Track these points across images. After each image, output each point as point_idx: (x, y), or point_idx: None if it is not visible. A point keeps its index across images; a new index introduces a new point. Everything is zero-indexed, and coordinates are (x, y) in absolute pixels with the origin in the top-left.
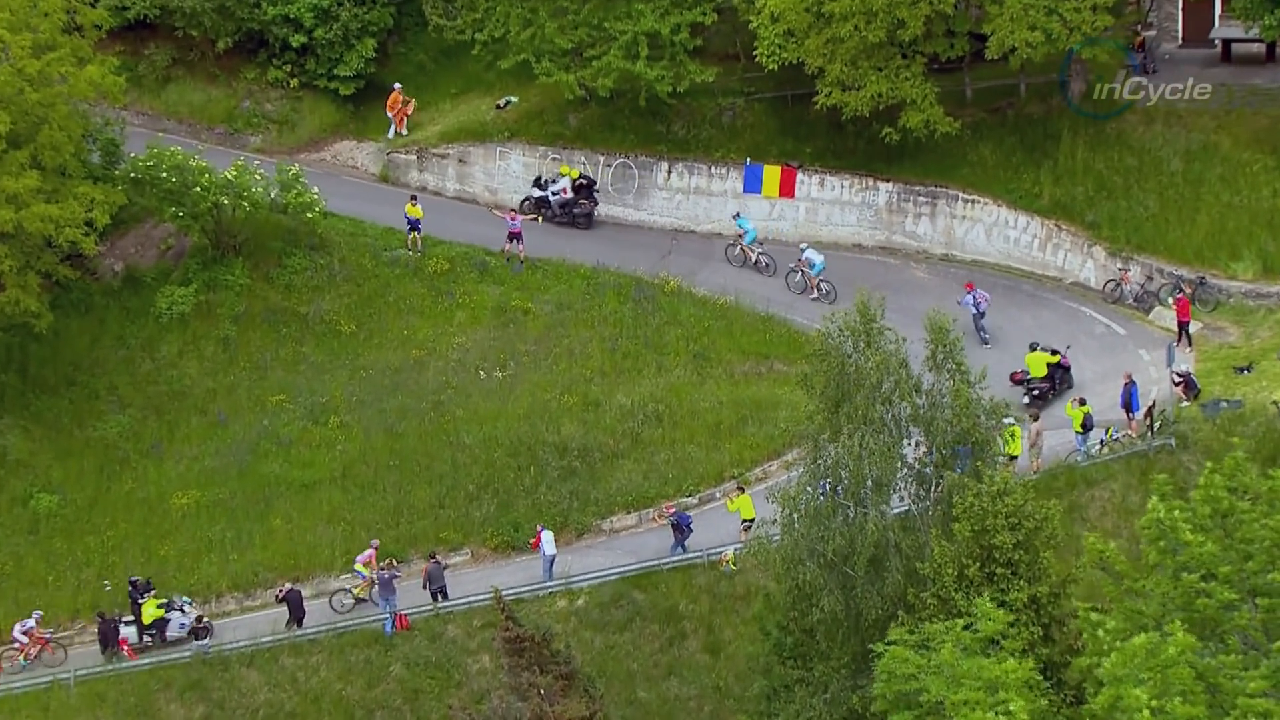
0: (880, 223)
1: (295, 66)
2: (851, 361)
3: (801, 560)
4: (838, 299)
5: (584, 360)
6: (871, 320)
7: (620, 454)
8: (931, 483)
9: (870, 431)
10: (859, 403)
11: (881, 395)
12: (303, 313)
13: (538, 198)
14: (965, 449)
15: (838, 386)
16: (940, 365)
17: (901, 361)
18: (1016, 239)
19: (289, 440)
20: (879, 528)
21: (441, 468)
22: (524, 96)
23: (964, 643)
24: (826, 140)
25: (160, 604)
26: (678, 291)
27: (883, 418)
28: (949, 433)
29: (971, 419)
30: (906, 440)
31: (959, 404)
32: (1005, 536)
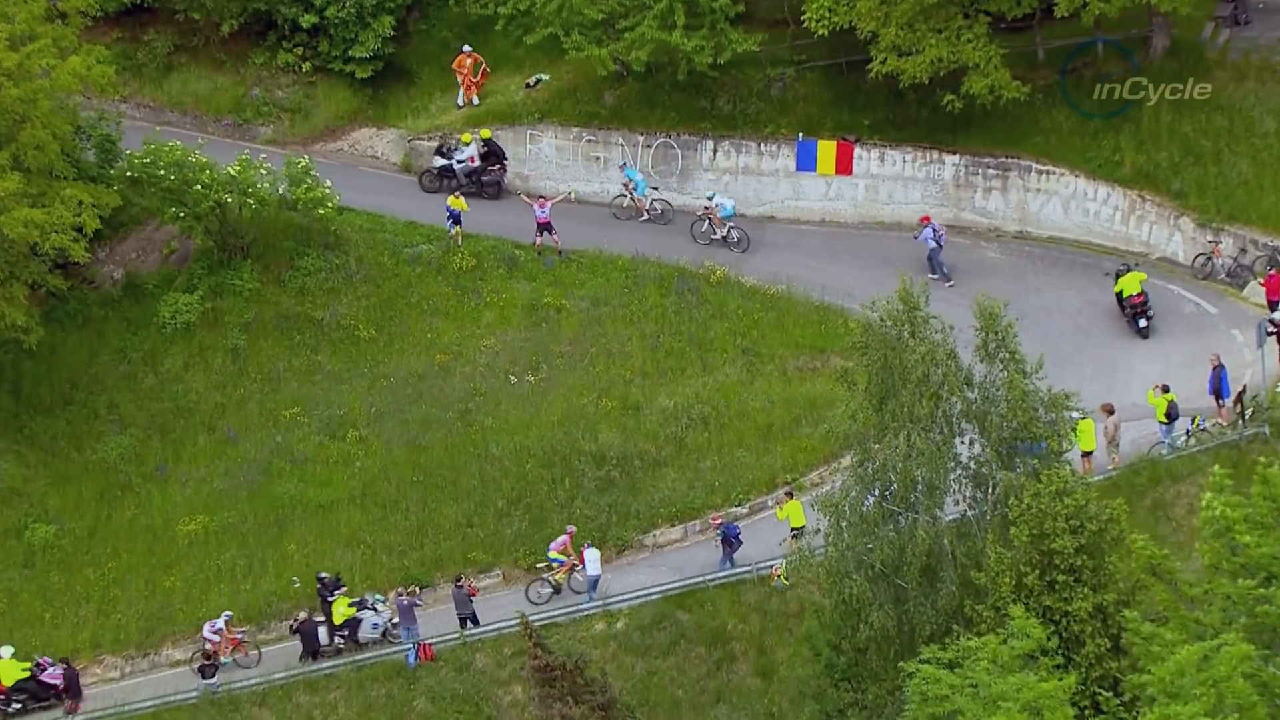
0: (947, 199)
1: (307, 49)
2: (896, 354)
3: (848, 573)
4: (750, 247)
5: (623, 360)
6: (915, 308)
7: (663, 462)
8: (988, 484)
9: (918, 430)
10: (905, 399)
11: (929, 390)
12: (317, 318)
13: (440, 167)
14: (1032, 446)
15: (881, 382)
16: (993, 355)
17: (950, 352)
18: (1096, 212)
19: (304, 457)
20: (930, 535)
21: (469, 482)
22: (556, 74)
23: (1001, 659)
24: (886, 111)
25: (352, 603)
26: (725, 281)
27: (931, 414)
28: (1004, 428)
29: (1028, 412)
30: (959, 438)
31: (1014, 396)
32: (1066, 540)
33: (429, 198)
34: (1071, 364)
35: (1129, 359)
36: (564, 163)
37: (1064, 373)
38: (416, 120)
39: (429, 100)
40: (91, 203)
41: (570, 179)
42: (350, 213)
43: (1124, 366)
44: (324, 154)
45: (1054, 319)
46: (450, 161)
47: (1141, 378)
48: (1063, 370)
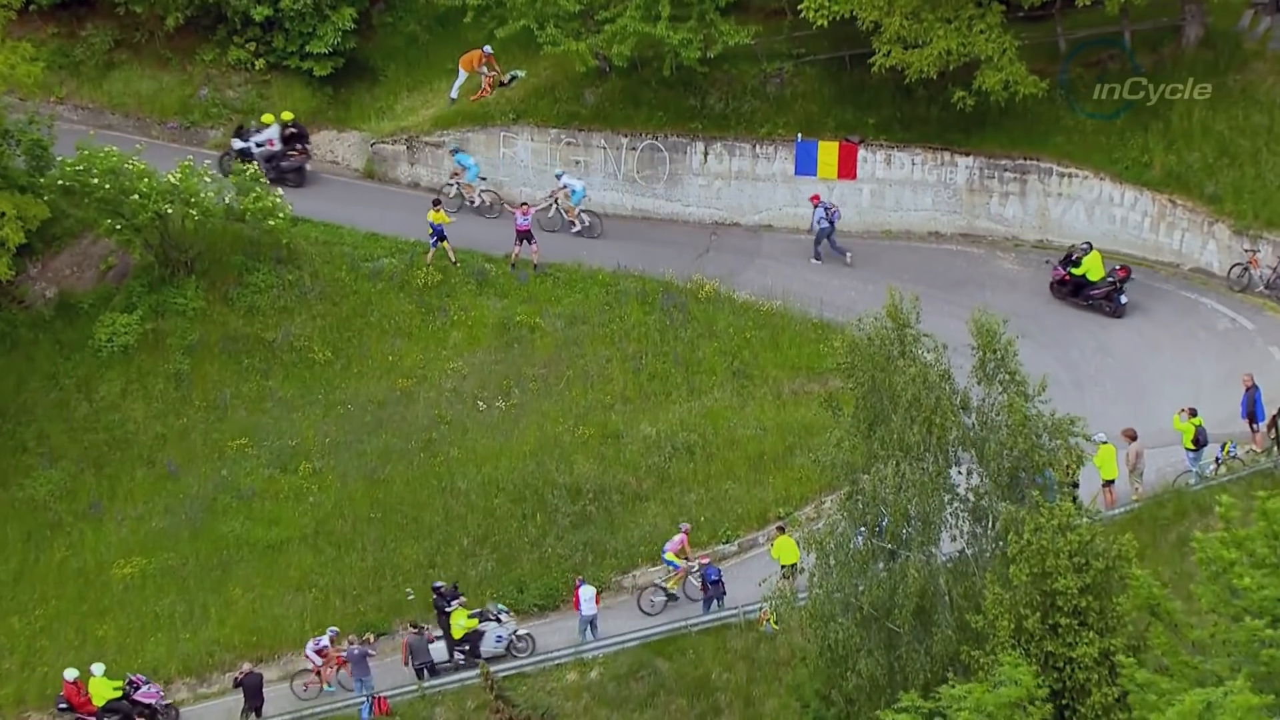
0: (960, 205)
1: (260, 45)
2: (884, 376)
3: (834, 616)
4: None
5: (602, 384)
6: (905, 325)
7: (644, 495)
8: (989, 518)
9: (909, 459)
10: (895, 425)
11: (921, 415)
12: (268, 339)
13: (239, 149)
14: (1037, 476)
15: (869, 406)
16: (991, 376)
17: (944, 373)
18: (1124, 218)
19: (251, 493)
20: (923, 574)
21: (432, 519)
22: (532, 70)
23: (986, 708)
24: (892, 109)
25: (472, 614)
26: (714, 297)
27: (924, 442)
28: (1004, 457)
29: (1030, 439)
30: (956, 468)
31: (1014, 421)
32: (1069, 580)
33: (393, 206)
34: (1093, 385)
35: (1156, 380)
36: (541, 167)
37: (1084, 395)
38: (381, 122)
39: (395, 100)
40: (16, 215)
41: (548, 185)
42: (306, 224)
43: (1150, 388)
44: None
45: (1074, 336)
46: (249, 144)
47: (1170, 400)
48: (1083, 393)
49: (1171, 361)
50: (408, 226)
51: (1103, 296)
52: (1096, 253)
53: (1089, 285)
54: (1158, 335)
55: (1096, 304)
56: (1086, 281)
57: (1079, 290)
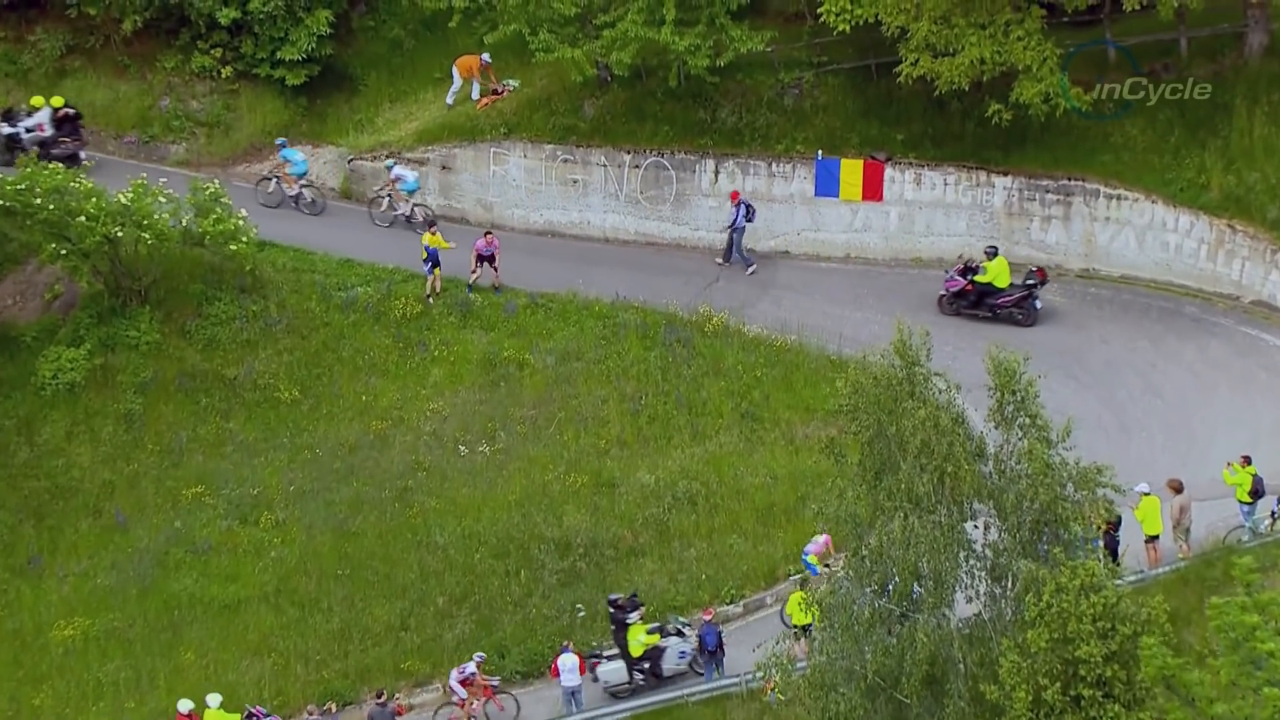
0: (998, 229)
1: (227, 50)
2: (891, 420)
3: (835, 685)
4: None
5: (597, 427)
6: (914, 364)
7: (640, 550)
8: (1008, 576)
9: (918, 512)
10: (904, 474)
11: (933, 463)
12: (229, 376)
13: (7, 135)
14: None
15: (876, 453)
16: (1010, 420)
17: (957, 417)
18: (1178, 245)
19: (207, 546)
20: (933, 639)
21: (406, 576)
22: (527, 79)
23: None
24: (923, 123)
25: (651, 628)
26: (723, 331)
27: (935, 492)
28: (1025, 509)
29: (1053, 490)
30: (973, 521)
31: (1035, 470)
32: (1093, 646)
33: (371, 229)
34: (1140, 431)
35: (1210, 425)
36: (535, 187)
37: (1130, 441)
38: (360, 136)
39: (375, 112)
40: None
41: (542, 207)
42: (273, 248)
43: (1203, 435)
44: (248, 176)
45: (1122, 376)
46: (17, 129)
47: (1224, 447)
48: (1129, 438)
49: (1228, 404)
50: (387, 251)
51: (1013, 305)
52: (1003, 258)
53: (995, 294)
54: (1213, 375)
55: (1005, 314)
56: (993, 289)
57: (983, 300)
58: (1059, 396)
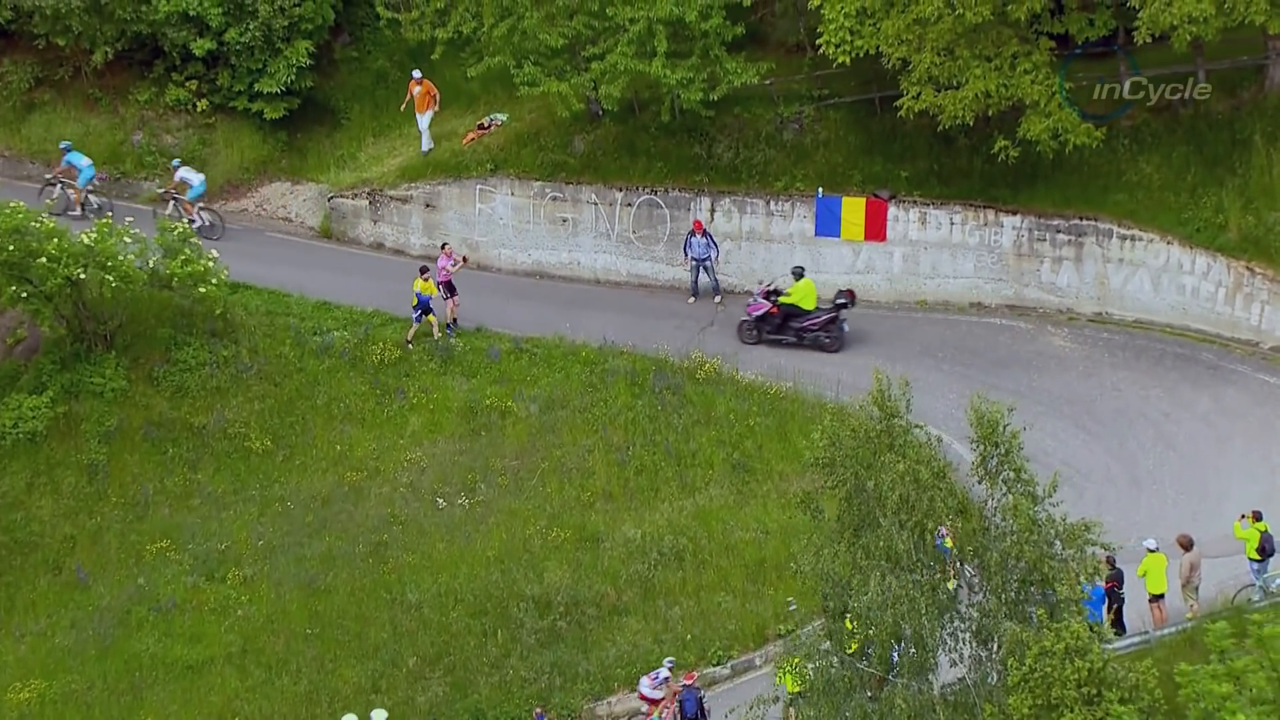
0: (1006, 272)
1: (203, 83)
2: (870, 474)
3: None
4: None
5: (581, 479)
6: (893, 415)
7: (624, 609)
8: (994, 639)
9: (899, 571)
10: (883, 531)
11: (912, 519)
12: (198, 425)
13: None
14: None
15: (854, 508)
16: (994, 474)
17: (939, 470)
18: (1195, 288)
19: (171, 605)
20: (912, 706)
21: (378, 636)
22: (515, 113)
23: None
24: (929, 160)
25: None
26: (715, 377)
27: (914, 550)
28: (1010, 568)
29: (1038, 548)
30: (957, 580)
31: (1020, 527)
32: (1077, 714)
33: (351, 270)
34: (1150, 484)
35: (1224, 478)
36: (523, 225)
37: (1140, 494)
38: (341, 173)
39: (358, 147)
40: None
41: (530, 246)
42: (247, 290)
43: (1216, 489)
44: (225, 215)
45: (1134, 426)
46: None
47: (1238, 502)
48: (1139, 491)
49: (1243, 456)
50: (366, 293)
51: (819, 329)
52: (810, 280)
53: (801, 316)
54: (1229, 425)
55: (811, 338)
56: (799, 312)
57: (788, 324)
58: (1067, 448)
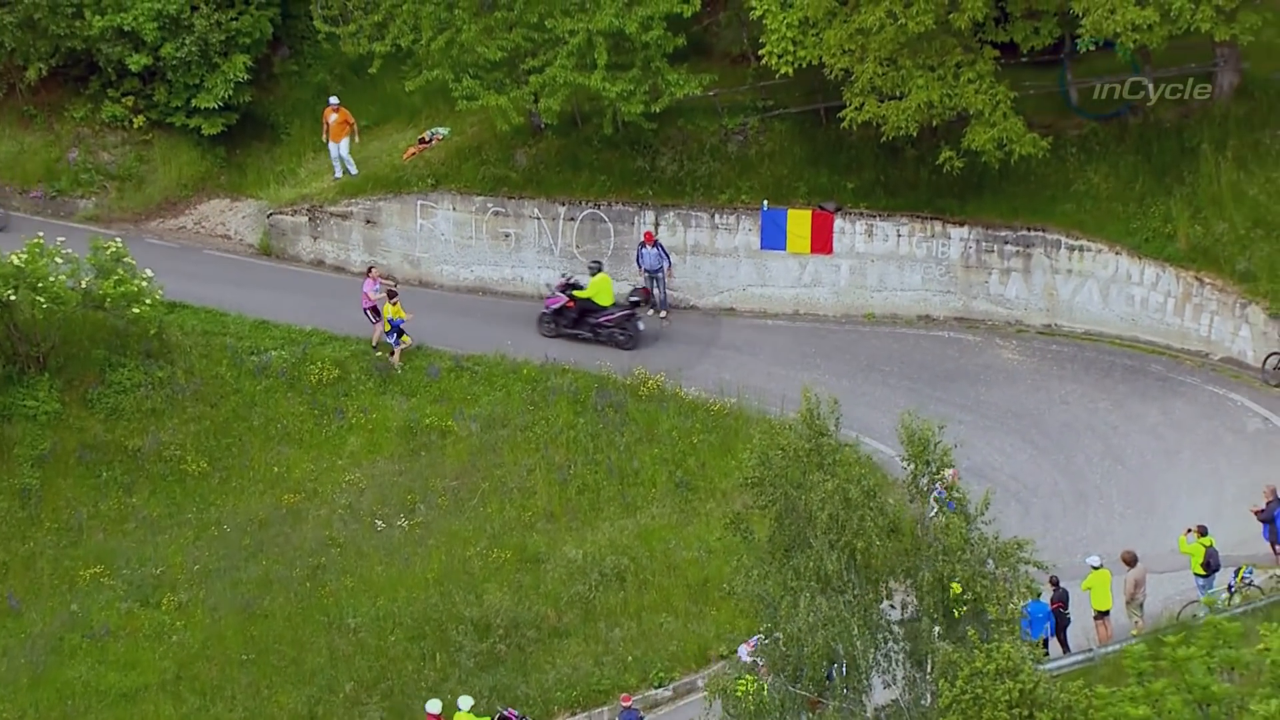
0: (954, 284)
1: (140, 99)
2: (800, 493)
3: None
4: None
5: (522, 499)
6: (821, 434)
7: (564, 631)
8: (927, 660)
9: (830, 591)
10: (814, 551)
11: (844, 539)
12: (133, 448)
13: None
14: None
15: (785, 529)
16: (925, 492)
17: (868, 490)
18: (1144, 299)
19: (105, 631)
20: None
21: (315, 661)
22: (458, 127)
23: None
24: (875, 171)
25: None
26: (658, 394)
27: (844, 570)
28: (942, 586)
29: (970, 567)
30: (890, 601)
31: (951, 545)
32: None
33: (291, 288)
34: (1098, 498)
35: (1171, 492)
36: (465, 241)
37: (1088, 509)
38: (282, 189)
39: (299, 162)
40: None
41: (473, 262)
42: (184, 310)
43: (1164, 503)
44: (163, 233)
45: (1082, 440)
46: None
47: (1185, 516)
48: (1086, 506)
49: (1190, 470)
50: (305, 312)
51: (615, 325)
52: (606, 275)
53: (597, 312)
54: (1177, 439)
55: (607, 335)
56: (594, 307)
57: (584, 319)
58: (1014, 462)
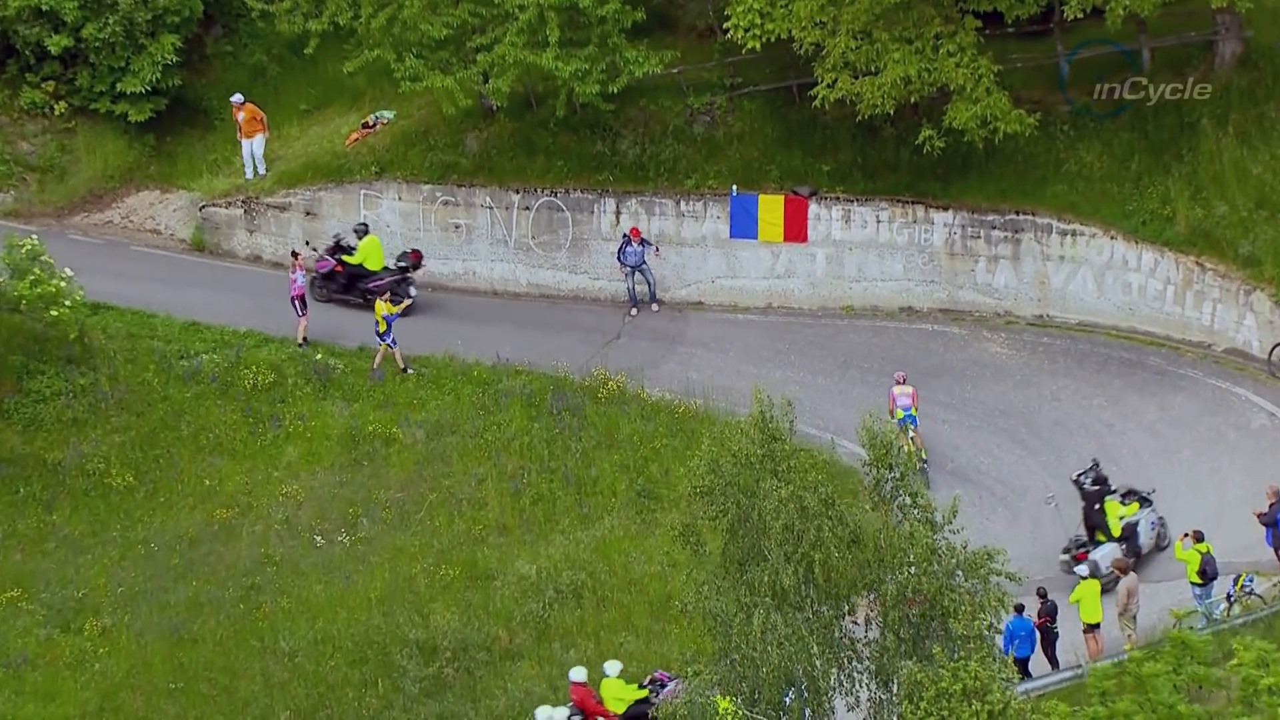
0: (939, 273)
1: (61, 84)
2: (754, 502)
3: None
4: None
5: (473, 510)
6: (775, 438)
7: (516, 653)
8: (893, 679)
9: (784, 606)
10: (770, 565)
11: (800, 551)
12: (53, 461)
13: None
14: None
15: (739, 540)
16: (888, 500)
17: (826, 499)
18: (1141, 286)
19: (22, 660)
20: None
21: (248, 689)
22: (404, 110)
23: None
24: (852, 152)
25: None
26: (618, 396)
27: (800, 584)
28: (906, 600)
29: (937, 580)
30: (848, 617)
31: (917, 555)
32: None
33: (224, 286)
34: None
35: (1170, 494)
36: (412, 233)
37: (1079, 513)
38: (215, 179)
39: (234, 150)
40: None
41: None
42: (108, 312)
43: (1161, 507)
44: (87, 228)
45: (1075, 439)
46: None
47: (1184, 520)
48: (1075, 509)
49: (1190, 470)
50: (240, 311)
51: (386, 290)
52: (375, 237)
53: (367, 277)
54: (1177, 437)
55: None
56: (365, 272)
57: (354, 284)
58: (1002, 464)
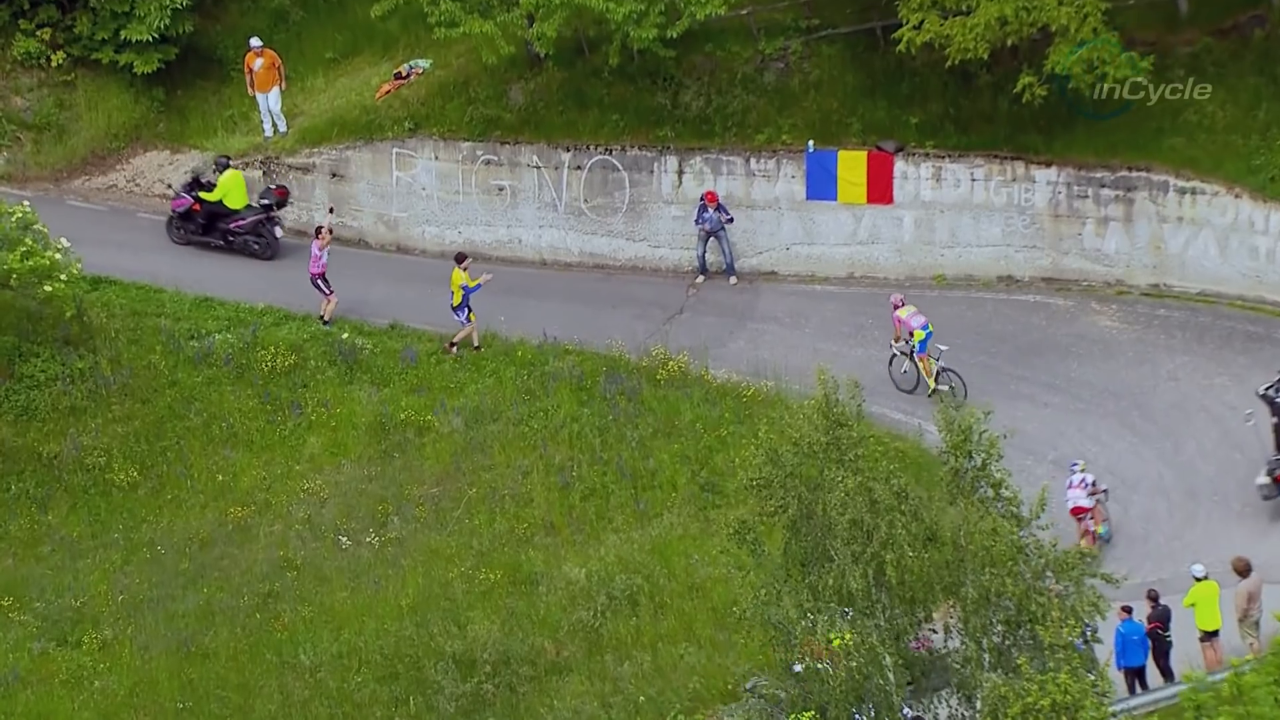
0: (1041, 236)
1: (58, 32)
2: (818, 497)
3: None
4: None
5: (516, 507)
6: (841, 424)
7: (564, 666)
8: (973, 691)
9: (853, 614)
10: (836, 565)
11: (869, 550)
12: (49, 455)
13: None
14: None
15: (802, 539)
16: (968, 493)
17: (899, 491)
18: (1270, 251)
19: (14, 676)
20: None
21: (265, 709)
22: (441, 59)
23: None
24: (944, 102)
25: None
26: (680, 378)
27: (870, 588)
28: (990, 605)
29: (1024, 582)
30: (927, 624)
31: (999, 554)
32: None
33: (236, 258)
34: (1210, 495)
35: None
36: (450, 197)
37: (1198, 510)
38: (231, 138)
39: (251, 105)
40: None
41: (461, 222)
42: (110, 286)
43: None
44: (89, 193)
45: (1194, 423)
46: None
47: None
48: (1197, 505)
49: None
50: (256, 286)
51: (248, 232)
52: (237, 171)
53: (229, 216)
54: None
55: (241, 244)
56: (225, 210)
57: (214, 225)
58: (1111, 452)
